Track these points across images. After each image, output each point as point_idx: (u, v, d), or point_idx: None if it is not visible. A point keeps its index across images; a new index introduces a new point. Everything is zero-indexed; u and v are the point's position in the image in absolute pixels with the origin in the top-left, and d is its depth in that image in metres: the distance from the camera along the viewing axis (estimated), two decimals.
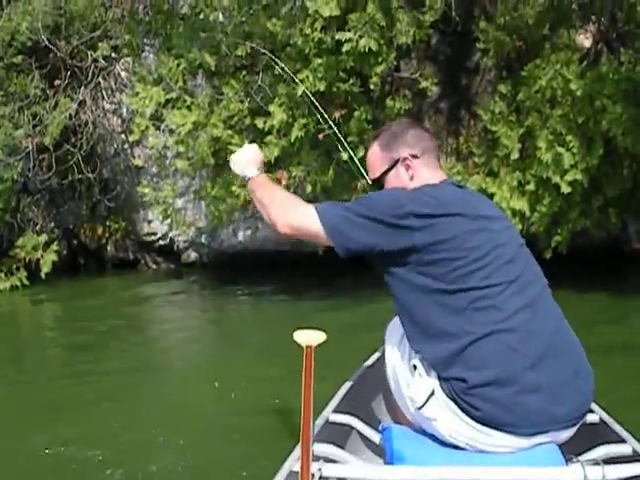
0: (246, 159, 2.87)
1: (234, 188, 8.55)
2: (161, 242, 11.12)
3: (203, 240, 10.69)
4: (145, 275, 11.16)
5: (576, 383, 2.37)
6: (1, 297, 9.67)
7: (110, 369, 6.42)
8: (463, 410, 2.30)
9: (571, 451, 2.37)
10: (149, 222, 10.96)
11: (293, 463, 2.35)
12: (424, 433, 2.46)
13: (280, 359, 2.97)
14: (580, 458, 2.33)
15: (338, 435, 2.67)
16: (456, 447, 2.37)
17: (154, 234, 11.04)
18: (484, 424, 2.29)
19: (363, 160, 2.86)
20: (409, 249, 2.38)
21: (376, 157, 2.69)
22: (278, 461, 2.42)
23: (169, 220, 10.01)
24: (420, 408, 2.41)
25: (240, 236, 10.31)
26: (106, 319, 8.56)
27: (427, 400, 2.38)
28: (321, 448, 2.46)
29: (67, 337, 8.08)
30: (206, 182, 9.35)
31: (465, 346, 2.31)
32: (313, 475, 2.23)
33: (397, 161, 2.62)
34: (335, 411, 2.84)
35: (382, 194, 2.57)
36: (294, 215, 2.52)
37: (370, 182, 2.74)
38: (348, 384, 3.12)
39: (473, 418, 2.29)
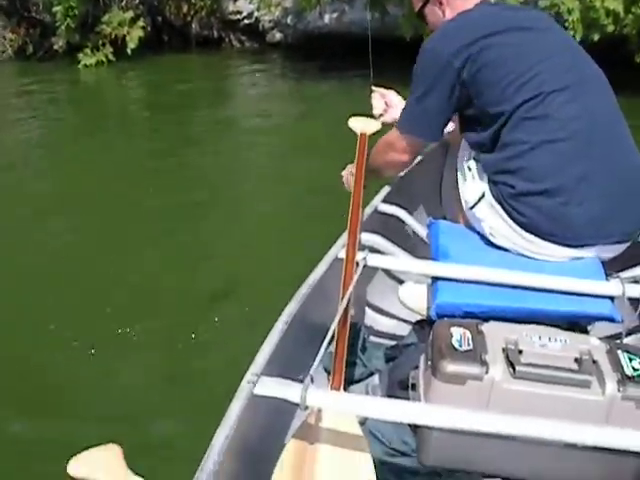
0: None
1: None
2: (246, 21, 10.94)
3: (289, 21, 10.48)
4: (229, 53, 11.09)
5: (632, 198, 2.30)
6: (87, 72, 9.79)
7: (191, 142, 6.78)
8: (509, 214, 2.30)
9: (613, 267, 2.34)
10: (235, 1, 10.74)
11: (339, 250, 2.37)
12: (474, 231, 2.48)
13: (347, 145, 2.98)
14: (621, 275, 2.31)
15: (386, 226, 2.68)
16: (502, 250, 2.38)
17: (239, 13, 10.86)
18: (529, 231, 2.28)
19: None
20: (464, 85, 2.36)
21: None
22: (325, 247, 2.46)
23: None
24: (472, 208, 2.43)
25: (326, 19, 10.07)
26: (190, 94, 8.75)
27: (478, 201, 2.39)
28: (367, 237, 2.47)
29: (152, 111, 8.35)
30: None
31: (517, 154, 2.27)
32: (357, 263, 2.26)
33: None
34: (384, 201, 2.84)
35: (422, 56, 2.48)
36: (399, 158, 2.61)
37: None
38: (400, 174, 3.10)
39: (518, 224, 2.29)
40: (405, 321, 2.67)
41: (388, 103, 2.97)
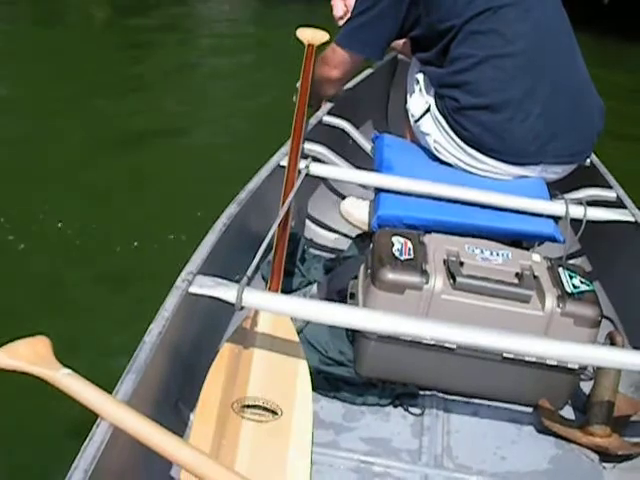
0: None
1: None
2: None
3: None
4: None
5: (577, 119, 2.30)
6: None
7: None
8: (452, 128, 2.29)
9: (558, 188, 2.36)
10: None
11: (281, 157, 2.34)
12: (419, 146, 2.47)
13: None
14: (565, 196, 2.33)
15: (330, 137, 2.64)
16: (447, 165, 2.37)
17: None
18: (471, 146, 2.28)
19: None
20: (413, 3, 2.35)
21: None
22: (269, 149, 2.43)
23: None
24: (417, 121, 2.41)
25: None
26: None
27: (423, 114, 2.38)
28: (311, 147, 2.45)
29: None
30: None
31: (464, 68, 2.26)
32: (300, 172, 2.24)
33: None
34: (330, 113, 2.81)
35: None
36: (329, 72, 2.62)
37: None
38: (347, 87, 3.05)
39: (461, 138, 2.28)
40: (346, 236, 2.66)
41: (348, 6, 2.91)
